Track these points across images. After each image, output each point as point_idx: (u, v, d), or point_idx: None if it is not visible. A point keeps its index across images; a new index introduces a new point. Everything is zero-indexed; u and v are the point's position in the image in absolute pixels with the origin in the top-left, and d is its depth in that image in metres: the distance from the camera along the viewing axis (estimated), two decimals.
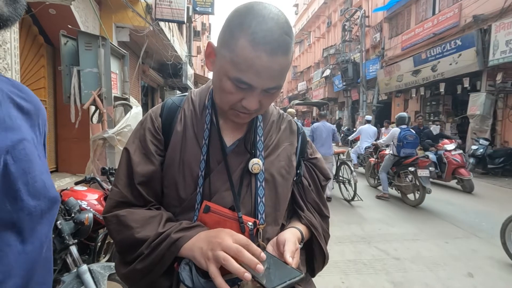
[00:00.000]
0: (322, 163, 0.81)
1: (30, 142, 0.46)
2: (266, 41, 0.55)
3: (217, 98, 0.66)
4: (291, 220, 0.77)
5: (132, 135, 0.72)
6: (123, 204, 0.66)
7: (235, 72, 0.57)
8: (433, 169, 4.80)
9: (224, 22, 0.62)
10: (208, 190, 0.67)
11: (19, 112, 0.47)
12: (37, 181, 0.44)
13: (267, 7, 0.58)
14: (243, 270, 0.51)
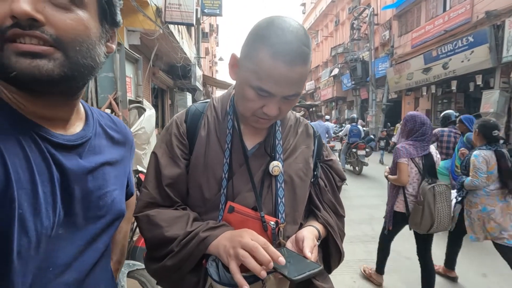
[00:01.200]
0: (337, 165, 0.85)
1: (112, 165, 0.57)
2: (285, 53, 0.59)
3: (240, 105, 0.70)
4: (308, 219, 0.81)
5: (159, 140, 0.78)
6: (152, 204, 0.71)
7: (257, 81, 0.62)
8: (369, 150, 7.92)
9: (247, 35, 0.66)
10: (231, 191, 0.71)
11: (109, 141, 0.59)
12: (106, 197, 0.54)
13: (286, 21, 0.62)
14: (259, 267, 0.55)
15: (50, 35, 0.41)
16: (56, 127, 0.49)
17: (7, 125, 0.43)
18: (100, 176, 0.54)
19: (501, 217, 2.28)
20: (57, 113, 0.50)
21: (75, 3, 0.44)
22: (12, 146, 0.42)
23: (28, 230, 0.42)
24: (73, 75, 0.45)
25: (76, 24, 0.44)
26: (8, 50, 0.40)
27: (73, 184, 0.49)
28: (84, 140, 0.52)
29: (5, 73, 0.40)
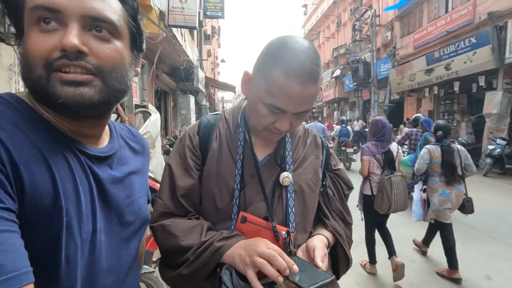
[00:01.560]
0: (345, 174, 0.88)
1: (136, 173, 0.62)
2: (297, 72, 0.62)
3: (252, 119, 0.73)
4: (317, 227, 0.83)
5: (173, 151, 0.80)
6: (167, 214, 0.74)
7: (270, 98, 0.65)
8: (356, 148, 8.97)
9: (260, 53, 0.70)
10: (243, 202, 0.74)
11: (131, 152, 0.64)
12: (134, 204, 0.59)
13: (298, 41, 0.65)
14: (277, 273, 0.58)
15: (92, 64, 0.46)
16: (90, 143, 0.54)
17: (53, 141, 0.47)
18: (128, 185, 0.58)
19: (455, 201, 2.82)
20: (91, 130, 0.54)
21: (113, 35, 0.48)
22: (58, 160, 0.46)
23: (74, 236, 0.46)
24: (109, 100, 0.49)
25: (114, 53, 0.48)
26: (54, 80, 0.44)
27: (107, 193, 0.53)
28: (113, 152, 0.57)
29: (52, 100, 0.45)
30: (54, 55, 0.44)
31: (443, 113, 11.87)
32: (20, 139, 0.43)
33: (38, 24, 0.44)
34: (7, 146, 0.41)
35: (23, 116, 0.45)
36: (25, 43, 0.45)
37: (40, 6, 0.43)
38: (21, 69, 0.46)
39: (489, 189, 6.25)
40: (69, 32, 0.44)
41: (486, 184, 6.82)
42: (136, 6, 0.53)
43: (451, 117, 11.47)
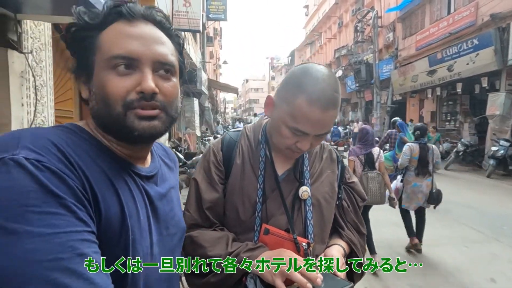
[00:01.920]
0: (359, 187, 0.92)
1: (174, 188, 0.68)
2: (319, 100, 0.68)
3: (275, 139, 0.79)
4: (332, 237, 0.88)
5: (198, 166, 0.86)
6: (194, 226, 0.79)
7: (293, 123, 0.71)
8: (347, 146, 9.59)
9: (283, 80, 0.76)
10: (265, 214, 0.79)
11: (167, 168, 0.70)
12: (175, 216, 0.66)
13: (319, 70, 0.71)
14: (305, 281, 0.63)
15: (160, 101, 0.53)
16: (140, 163, 0.60)
17: (114, 166, 0.53)
18: (170, 199, 0.64)
19: (427, 191, 3.39)
20: (142, 153, 0.60)
21: (172, 73, 0.56)
22: (121, 183, 0.52)
23: (138, 251, 0.51)
24: (169, 128, 0.56)
25: (173, 89, 0.56)
26: (131, 115, 0.51)
27: (157, 208, 0.59)
28: (156, 171, 0.62)
29: (130, 133, 0.51)
30: (132, 96, 0.50)
31: (446, 114, 11.89)
32: (93, 166, 0.48)
33: (115, 69, 0.50)
34: (86, 174, 0.46)
35: (90, 144, 0.51)
36: (101, 84, 0.50)
37: (120, 56, 0.50)
38: (96, 107, 0.52)
39: (492, 191, 6.26)
40: (147, 78, 0.50)
41: (489, 185, 6.83)
42: (182, 43, 0.61)
43: (454, 118, 11.48)
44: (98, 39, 0.52)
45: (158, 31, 0.55)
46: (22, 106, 2.50)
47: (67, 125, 0.53)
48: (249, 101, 62.47)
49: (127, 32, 0.51)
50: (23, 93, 2.54)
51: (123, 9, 0.52)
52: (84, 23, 0.52)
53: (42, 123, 2.80)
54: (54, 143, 0.44)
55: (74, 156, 0.46)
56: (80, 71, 0.54)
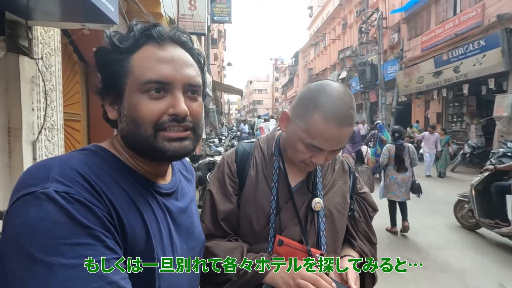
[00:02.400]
0: (370, 197, 0.93)
1: (193, 201, 0.69)
2: (335, 117, 0.69)
3: (290, 154, 0.80)
4: (344, 247, 0.89)
5: (212, 178, 0.87)
6: (209, 236, 0.80)
7: (309, 139, 0.72)
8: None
9: (299, 97, 0.77)
10: (278, 225, 0.80)
11: (186, 182, 0.71)
12: (196, 230, 0.67)
13: (335, 88, 0.72)
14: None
15: (190, 122, 0.55)
16: (161, 180, 0.61)
17: (137, 186, 0.54)
18: (190, 213, 0.65)
19: (402, 183, 4.09)
20: (163, 170, 0.62)
21: (198, 93, 0.57)
22: (144, 204, 0.53)
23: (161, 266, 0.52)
24: (196, 147, 0.58)
25: (199, 108, 0.57)
26: (161, 137, 0.52)
27: (179, 224, 0.60)
28: (177, 186, 0.64)
29: (162, 154, 0.53)
30: (164, 118, 0.52)
31: (452, 115, 11.78)
32: (117, 190, 0.49)
33: (148, 92, 0.51)
34: (112, 200, 0.47)
35: (112, 165, 0.53)
36: (134, 107, 0.52)
37: (154, 80, 0.51)
38: (126, 129, 0.53)
39: None
40: (180, 101, 0.52)
41: None
42: (203, 61, 0.62)
43: (460, 119, 11.37)
44: (129, 62, 0.52)
45: (185, 53, 0.56)
46: (33, 110, 2.54)
47: (91, 147, 0.55)
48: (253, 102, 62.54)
49: (159, 56, 0.52)
50: (34, 98, 2.58)
51: (153, 33, 0.53)
52: (115, 46, 0.53)
53: (52, 127, 2.84)
54: (81, 173, 0.46)
55: (99, 183, 0.47)
56: (107, 92, 0.55)
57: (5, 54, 2.31)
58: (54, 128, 2.90)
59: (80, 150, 0.54)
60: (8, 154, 2.34)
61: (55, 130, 2.90)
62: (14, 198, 0.43)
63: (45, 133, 2.70)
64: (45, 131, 2.71)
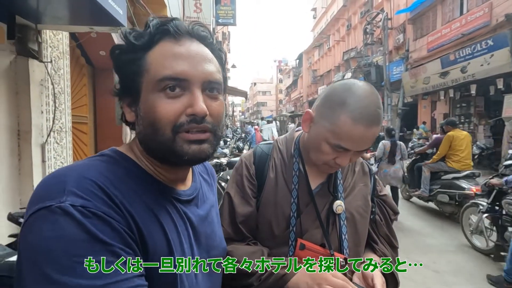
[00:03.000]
0: (390, 199, 0.90)
1: (214, 206, 0.66)
2: (363, 117, 0.67)
3: (313, 155, 0.77)
4: (365, 251, 0.86)
5: (230, 180, 0.85)
6: (228, 240, 0.78)
7: (335, 140, 0.69)
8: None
9: (323, 96, 0.75)
10: (299, 229, 0.77)
11: (207, 186, 0.67)
12: (216, 238, 0.63)
13: (361, 87, 0.70)
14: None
15: (210, 123, 0.50)
16: (180, 186, 0.58)
17: (157, 195, 0.51)
18: (210, 220, 0.62)
19: (394, 174, 4.81)
20: (183, 175, 0.58)
21: (219, 91, 0.53)
22: (164, 215, 0.50)
23: (183, 281, 0.51)
24: (216, 150, 0.54)
25: (221, 108, 0.53)
26: (180, 140, 0.48)
27: (199, 232, 0.57)
28: (197, 192, 0.61)
29: (179, 157, 0.49)
30: (182, 119, 0.48)
31: (459, 116, 11.63)
32: (137, 201, 0.47)
33: (164, 91, 0.47)
34: (131, 212, 0.44)
35: (132, 174, 0.50)
36: (150, 108, 0.48)
37: (169, 77, 0.47)
38: (143, 132, 0.50)
39: None
40: (198, 99, 0.48)
41: None
42: (224, 57, 0.58)
43: (468, 120, 11.22)
44: (145, 60, 0.49)
45: (204, 48, 0.52)
46: (42, 113, 2.55)
47: (109, 153, 0.51)
48: (257, 104, 62.61)
49: (175, 52, 0.49)
50: (43, 101, 2.60)
51: (170, 28, 0.49)
52: (131, 44, 0.49)
53: (60, 130, 2.85)
54: (98, 184, 0.43)
55: (118, 195, 0.44)
56: (125, 93, 0.52)
57: (15, 57, 2.33)
58: (62, 130, 2.91)
59: (99, 156, 0.51)
60: (17, 157, 2.35)
61: (63, 132, 2.91)
62: (30, 212, 0.40)
63: (53, 135, 2.71)
64: (54, 133, 2.72)
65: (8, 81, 2.30)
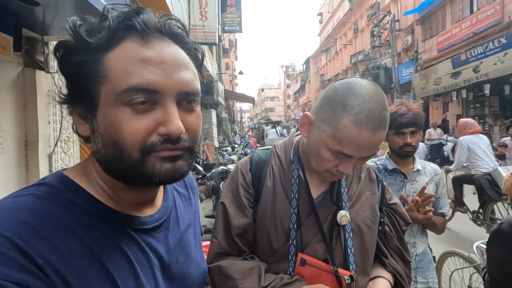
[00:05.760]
0: (401, 208, 0.83)
1: (189, 226, 0.57)
2: (368, 120, 0.60)
3: (313, 162, 0.71)
4: (374, 266, 0.78)
5: (225, 189, 0.79)
6: (222, 254, 0.72)
7: (337, 145, 0.63)
8: None
9: (323, 97, 0.67)
10: (300, 242, 0.71)
11: (183, 201, 0.58)
12: (193, 263, 0.55)
13: (365, 86, 0.63)
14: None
15: (187, 140, 0.43)
16: (147, 209, 0.49)
17: (113, 231, 0.43)
18: (185, 244, 0.54)
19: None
20: (151, 196, 0.50)
21: (196, 102, 0.45)
22: (116, 259, 0.42)
23: None
24: (191, 167, 0.46)
25: (198, 121, 0.45)
26: (151, 159, 0.40)
27: (169, 267, 0.49)
28: (168, 213, 0.52)
29: (150, 180, 0.41)
30: (153, 139, 0.40)
31: (473, 117, 11.26)
32: (74, 254, 0.38)
33: (131, 105, 0.39)
34: (62, 273, 0.35)
35: (75, 209, 0.40)
36: (112, 125, 0.39)
37: (136, 88, 0.38)
38: (103, 152, 0.41)
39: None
40: (173, 116, 0.40)
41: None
42: (201, 57, 0.50)
43: (483, 121, 10.87)
44: (103, 64, 0.39)
45: (179, 51, 0.44)
46: (49, 123, 2.57)
47: (51, 181, 0.42)
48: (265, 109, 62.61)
49: (143, 56, 0.39)
50: (50, 111, 2.62)
51: (136, 24, 0.40)
52: (82, 41, 0.39)
53: (67, 139, 2.87)
54: (13, 241, 0.33)
55: (43, 251, 0.35)
56: (76, 102, 0.42)
57: (22, 69, 2.36)
58: (69, 140, 2.93)
59: (36, 186, 0.41)
60: (25, 167, 2.37)
61: (70, 142, 2.93)
62: None
63: (61, 145, 2.73)
64: (61, 143, 2.74)
65: (16, 93, 2.33)
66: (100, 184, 0.44)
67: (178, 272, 0.51)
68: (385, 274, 0.75)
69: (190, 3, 6.55)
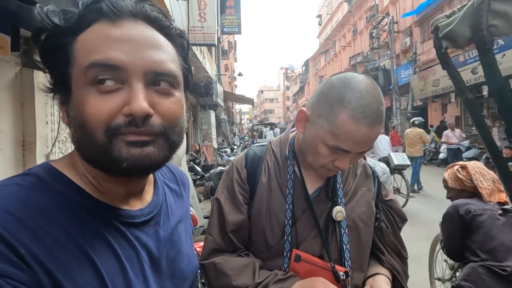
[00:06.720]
0: (397, 205, 0.83)
1: (181, 222, 0.56)
2: (365, 115, 0.60)
3: (309, 158, 0.71)
4: (370, 263, 0.78)
5: (220, 185, 0.79)
6: (217, 251, 0.72)
7: (334, 141, 0.63)
8: None
9: (319, 93, 0.67)
10: (295, 238, 0.71)
11: (174, 197, 0.57)
12: (184, 258, 0.54)
13: (362, 81, 0.63)
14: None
15: (157, 124, 0.40)
16: (135, 202, 0.48)
17: (100, 224, 0.42)
18: (176, 239, 0.53)
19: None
20: (137, 188, 0.48)
21: (173, 86, 0.43)
22: (103, 251, 0.41)
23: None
24: (170, 156, 0.44)
25: (176, 107, 0.43)
26: (118, 142, 0.39)
27: (159, 261, 0.48)
28: (159, 207, 0.51)
29: (116, 165, 0.39)
30: (118, 120, 0.38)
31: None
32: (60, 245, 0.37)
33: (95, 85, 0.38)
34: (46, 265, 0.35)
35: (62, 200, 0.40)
36: (79, 106, 0.39)
37: (98, 64, 0.38)
38: (76, 136, 0.41)
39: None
40: (137, 96, 0.38)
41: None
42: (186, 44, 0.48)
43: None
44: (73, 46, 0.39)
45: (153, 32, 0.42)
46: (47, 124, 2.57)
47: (37, 171, 0.41)
48: (265, 111, 62.73)
49: (109, 34, 0.39)
50: (48, 111, 2.62)
51: (103, 6, 0.39)
52: (54, 26, 0.39)
53: (65, 140, 2.87)
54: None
55: (26, 242, 0.34)
56: (57, 90, 0.42)
57: (20, 69, 2.36)
58: (67, 140, 2.92)
59: (22, 176, 0.40)
60: (22, 168, 2.36)
61: (68, 142, 2.93)
62: None
63: (58, 145, 2.72)
64: (59, 143, 2.73)
65: (13, 93, 2.33)
66: (87, 175, 0.44)
67: (168, 267, 0.50)
68: (383, 271, 0.74)
69: (189, 5, 6.56)
